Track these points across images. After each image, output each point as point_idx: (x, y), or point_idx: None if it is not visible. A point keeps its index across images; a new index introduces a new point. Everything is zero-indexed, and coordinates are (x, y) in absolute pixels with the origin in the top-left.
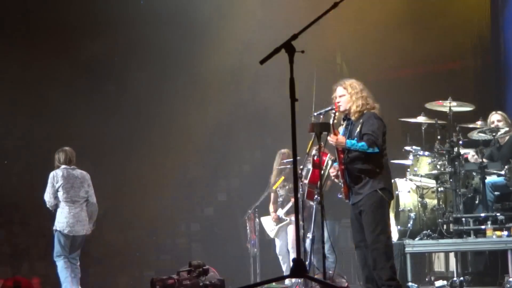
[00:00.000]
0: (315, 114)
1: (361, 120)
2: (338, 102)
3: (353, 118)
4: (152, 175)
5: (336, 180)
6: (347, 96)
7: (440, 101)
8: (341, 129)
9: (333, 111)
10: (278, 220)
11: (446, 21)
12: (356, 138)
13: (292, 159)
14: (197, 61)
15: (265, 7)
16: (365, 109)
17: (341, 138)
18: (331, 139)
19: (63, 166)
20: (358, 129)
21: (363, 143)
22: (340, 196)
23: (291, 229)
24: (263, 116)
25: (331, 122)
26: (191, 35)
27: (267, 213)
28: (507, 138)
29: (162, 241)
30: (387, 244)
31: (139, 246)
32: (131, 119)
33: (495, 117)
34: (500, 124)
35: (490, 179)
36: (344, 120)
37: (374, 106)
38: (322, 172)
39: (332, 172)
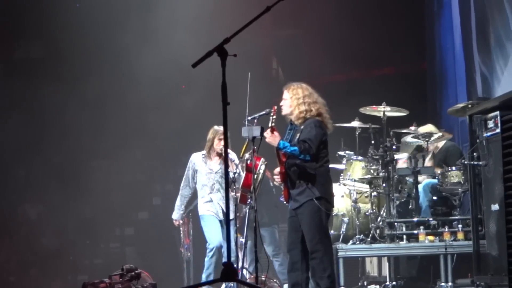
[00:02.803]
0: (249, 118)
1: (302, 127)
2: (281, 105)
3: (296, 123)
4: (86, 178)
5: (276, 183)
6: (288, 100)
7: (374, 106)
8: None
9: (271, 114)
10: None
11: (382, 27)
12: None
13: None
14: (132, 65)
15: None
16: (309, 115)
17: (275, 136)
18: (267, 135)
19: None
20: (298, 135)
21: (295, 147)
22: (281, 199)
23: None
24: (196, 121)
25: (269, 124)
26: (126, 39)
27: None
28: (440, 145)
29: (96, 245)
30: (326, 253)
31: (73, 250)
32: (65, 120)
33: (424, 130)
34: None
35: (430, 180)
36: (290, 124)
37: (320, 113)
38: (256, 176)
39: (276, 176)
